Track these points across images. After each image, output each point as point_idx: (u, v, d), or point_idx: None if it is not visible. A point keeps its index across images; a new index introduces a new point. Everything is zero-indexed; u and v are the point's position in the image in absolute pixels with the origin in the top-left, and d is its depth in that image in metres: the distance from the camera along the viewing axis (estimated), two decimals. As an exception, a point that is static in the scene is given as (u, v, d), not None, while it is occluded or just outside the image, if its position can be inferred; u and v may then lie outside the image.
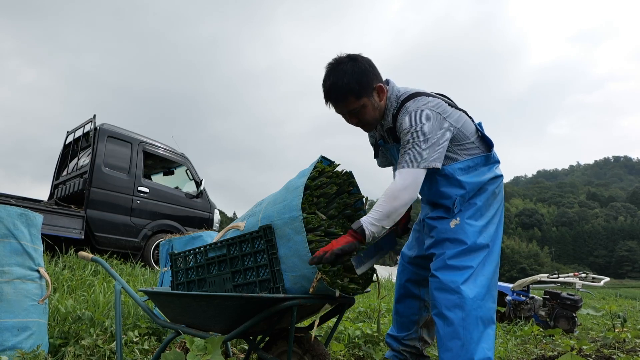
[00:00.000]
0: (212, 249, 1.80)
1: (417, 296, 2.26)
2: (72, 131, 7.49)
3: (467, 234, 1.92)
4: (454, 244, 1.92)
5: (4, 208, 2.28)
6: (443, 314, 1.84)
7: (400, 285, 2.30)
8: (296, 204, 1.59)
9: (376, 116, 1.95)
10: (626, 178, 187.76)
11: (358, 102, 1.86)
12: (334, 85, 1.84)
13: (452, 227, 1.94)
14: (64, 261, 4.96)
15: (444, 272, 1.88)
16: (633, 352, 3.15)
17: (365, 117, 1.92)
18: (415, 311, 2.26)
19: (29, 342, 2.19)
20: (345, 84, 1.82)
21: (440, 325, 1.85)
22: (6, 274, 2.20)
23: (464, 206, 1.97)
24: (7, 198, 6.20)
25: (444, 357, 1.82)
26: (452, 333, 1.81)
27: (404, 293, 2.29)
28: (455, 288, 1.83)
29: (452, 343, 1.81)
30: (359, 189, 1.93)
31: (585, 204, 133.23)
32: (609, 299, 15.40)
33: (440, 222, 1.99)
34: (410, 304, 2.27)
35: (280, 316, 1.68)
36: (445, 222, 1.97)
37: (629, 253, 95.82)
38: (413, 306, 2.27)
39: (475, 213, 1.96)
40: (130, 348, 2.48)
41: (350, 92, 1.83)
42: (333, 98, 1.87)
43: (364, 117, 1.92)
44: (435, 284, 1.89)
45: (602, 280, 6.46)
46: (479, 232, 1.94)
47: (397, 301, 2.31)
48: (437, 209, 2.04)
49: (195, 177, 7.87)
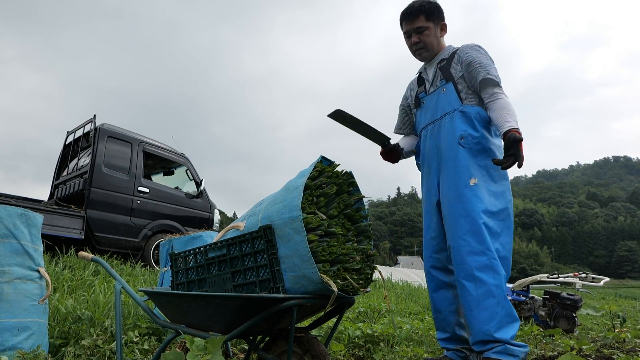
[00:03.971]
0: (212, 249, 1.80)
1: (449, 284, 2.23)
2: (72, 131, 7.49)
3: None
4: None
5: (4, 208, 2.28)
6: (475, 276, 1.94)
7: (429, 275, 2.30)
8: (296, 203, 1.59)
9: (434, 45, 2.31)
10: (626, 178, 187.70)
11: (426, 23, 2.28)
12: (414, 4, 2.29)
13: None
14: (64, 261, 4.96)
15: (472, 235, 2.00)
16: (633, 352, 3.15)
17: (427, 40, 2.29)
18: (452, 301, 2.21)
19: (29, 342, 2.19)
20: (422, 5, 2.28)
21: (470, 288, 1.95)
22: (6, 274, 2.20)
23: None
24: (7, 198, 6.20)
25: (480, 316, 1.90)
26: (487, 292, 1.91)
27: (436, 284, 2.26)
28: (484, 249, 1.96)
29: (487, 301, 1.90)
30: (359, 189, 1.93)
31: (585, 204, 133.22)
32: (609, 299, 15.42)
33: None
34: (445, 294, 2.23)
35: (280, 316, 1.68)
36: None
37: (629, 253, 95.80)
38: (448, 296, 2.23)
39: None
40: (131, 348, 2.48)
41: (423, 12, 2.27)
42: (408, 14, 2.29)
43: (425, 38, 2.29)
44: (465, 247, 1.99)
45: (602, 280, 6.46)
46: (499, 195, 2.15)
47: (433, 291, 2.28)
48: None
49: (195, 177, 7.87)
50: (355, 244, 1.84)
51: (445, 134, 2.20)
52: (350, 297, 1.78)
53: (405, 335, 3.24)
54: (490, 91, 2.16)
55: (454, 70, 2.24)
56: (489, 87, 2.16)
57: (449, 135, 2.18)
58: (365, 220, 1.92)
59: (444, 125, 2.21)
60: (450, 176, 2.15)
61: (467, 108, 2.17)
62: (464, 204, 2.06)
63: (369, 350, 2.93)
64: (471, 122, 2.15)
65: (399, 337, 3.15)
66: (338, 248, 1.67)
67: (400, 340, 3.13)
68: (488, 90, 2.16)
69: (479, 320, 1.92)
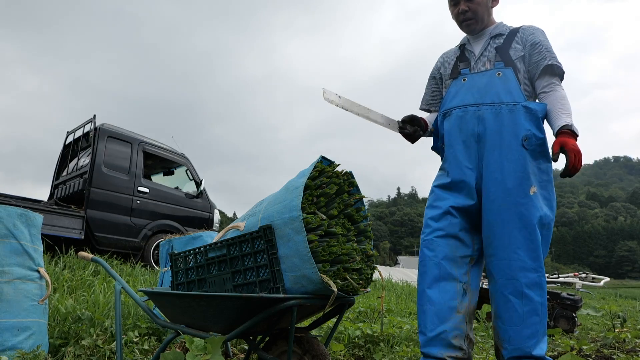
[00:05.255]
0: (212, 249, 1.80)
1: (455, 278, 1.91)
2: (72, 131, 7.49)
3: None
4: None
5: (4, 208, 2.28)
6: (524, 293, 1.82)
7: (436, 264, 1.91)
8: (296, 204, 1.59)
9: (484, 16, 2.07)
10: (626, 178, 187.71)
11: None
12: None
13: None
14: (64, 261, 4.96)
15: (525, 249, 1.85)
16: (633, 352, 3.15)
17: (477, 9, 2.04)
18: (453, 295, 1.88)
19: (29, 342, 2.19)
20: None
21: (517, 304, 1.83)
22: (6, 274, 2.20)
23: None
24: (7, 198, 6.20)
25: (523, 333, 1.81)
26: (532, 310, 1.81)
27: (439, 274, 1.90)
28: (537, 267, 1.84)
29: (532, 319, 1.82)
30: (359, 189, 1.93)
31: (585, 204, 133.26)
32: (609, 299, 15.41)
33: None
34: (446, 287, 1.89)
35: (280, 316, 1.68)
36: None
37: (629, 253, 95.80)
38: (450, 289, 1.89)
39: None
40: (130, 348, 2.48)
41: None
42: None
43: (476, 7, 2.04)
44: (518, 262, 1.84)
45: (602, 280, 6.47)
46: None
47: (430, 286, 1.89)
48: None
49: (195, 177, 7.87)
50: (355, 244, 1.84)
51: (503, 129, 1.91)
52: (350, 297, 1.78)
53: (405, 335, 3.24)
54: (549, 80, 1.97)
55: (514, 51, 2.00)
56: (550, 75, 1.97)
57: (508, 131, 1.90)
58: (365, 220, 1.92)
59: (501, 117, 1.92)
60: (506, 179, 1.88)
61: (532, 104, 1.92)
62: (522, 215, 1.85)
63: (369, 350, 2.93)
64: (537, 121, 1.91)
65: (399, 337, 3.15)
66: (338, 248, 1.67)
67: (400, 340, 3.13)
68: (547, 78, 1.97)
69: (521, 337, 1.82)
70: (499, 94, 1.94)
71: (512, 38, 2.02)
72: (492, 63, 2.01)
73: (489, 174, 1.92)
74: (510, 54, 1.99)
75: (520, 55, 1.99)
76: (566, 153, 1.80)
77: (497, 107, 1.93)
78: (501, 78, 1.96)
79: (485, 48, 2.06)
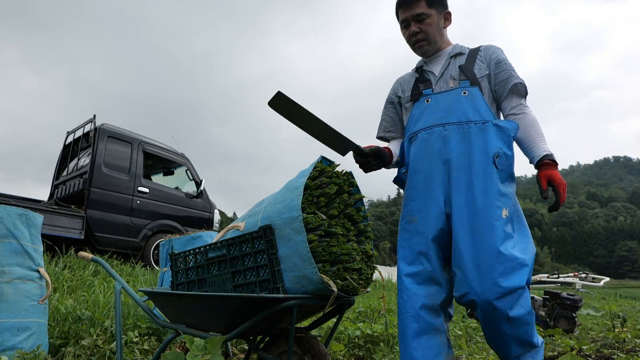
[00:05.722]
0: (212, 249, 1.80)
1: (437, 329, 1.76)
2: (72, 131, 7.49)
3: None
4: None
5: (4, 208, 2.28)
6: (509, 317, 1.62)
7: (413, 316, 1.76)
8: (296, 204, 1.59)
9: (436, 36, 1.97)
10: (626, 178, 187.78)
11: (427, 10, 1.93)
12: None
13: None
14: (64, 261, 4.96)
15: (506, 278, 1.65)
16: (633, 352, 3.15)
17: (428, 29, 1.95)
18: (438, 350, 1.74)
19: (29, 342, 2.19)
20: None
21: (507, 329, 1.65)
22: (6, 274, 2.20)
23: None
24: (7, 198, 6.20)
25: (519, 332, 1.64)
26: (525, 316, 1.65)
27: (420, 327, 1.75)
28: (520, 284, 1.65)
29: (528, 318, 1.67)
30: (359, 189, 1.93)
31: (585, 204, 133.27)
32: (609, 299, 15.40)
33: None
34: (429, 341, 1.74)
35: (280, 316, 1.68)
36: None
37: (628, 253, 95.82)
38: (434, 344, 1.75)
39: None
40: (130, 348, 2.48)
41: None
42: (407, 0, 1.95)
43: (427, 27, 1.94)
44: (501, 312, 1.63)
45: (602, 280, 6.48)
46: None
47: (412, 338, 1.74)
48: None
49: (195, 177, 7.87)
50: (355, 244, 1.84)
51: (472, 148, 1.79)
52: (350, 297, 1.78)
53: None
54: (517, 101, 1.90)
55: (478, 69, 1.90)
56: (517, 95, 1.90)
57: (477, 150, 1.78)
58: (365, 220, 1.92)
59: (470, 135, 1.81)
60: (477, 201, 1.72)
61: (503, 122, 1.82)
62: (495, 239, 1.66)
63: (369, 350, 2.93)
64: (508, 140, 1.80)
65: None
66: (338, 248, 1.67)
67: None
68: (515, 99, 1.90)
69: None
70: (466, 112, 1.84)
71: (474, 56, 1.94)
72: (457, 82, 1.91)
73: (459, 196, 1.77)
74: (475, 72, 1.90)
75: (485, 74, 1.90)
76: (556, 189, 1.74)
77: (465, 126, 1.82)
78: (467, 97, 1.86)
79: (447, 67, 1.96)
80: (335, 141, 1.85)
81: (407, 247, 1.86)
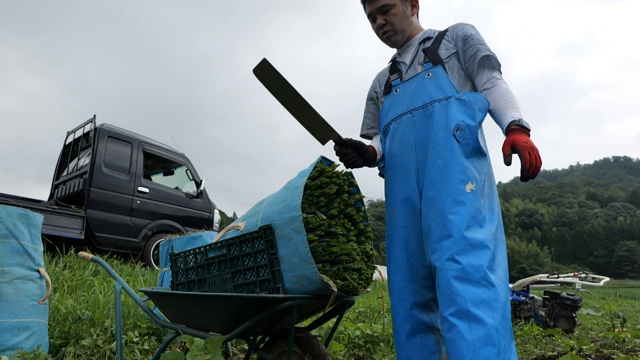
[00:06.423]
0: (212, 249, 1.80)
1: (430, 327, 1.74)
2: (72, 131, 7.50)
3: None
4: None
5: (4, 208, 2.28)
6: (470, 313, 1.44)
7: (405, 317, 1.75)
8: (296, 204, 1.59)
9: (404, 26, 1.92)
10: (626, 178, 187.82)
11: (391, 0, 1.88)
12: None
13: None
14: (64, 261, 4.96)
15: (465, 255, 1.53)
16: (633, 352, 3.15)
17: (394, 20, 1.90)
18: (432, 349, 1.71)
19: (29, 342, 2.20)
20: None
21: (464, 329, 1.44)
22: (6, 274, 2.20)
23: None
24: (7, 198, 6.20)
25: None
26: (485, 338, 1.42)
27: (413, 327, 1.73)
28: (483, 277, 1.49)
29: (485, 351, 1.41)
30: (359, 189, 1.93)
31: (585, 204, 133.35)
32: (609, 299, 15.40)
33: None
34: (423, 341, 1.72)
35: (280, 316, 1.68)
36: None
37: (628, 253, 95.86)
38: (428, 343, 1.72)
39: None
40: (131, 348, 2.48)
41: None
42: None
43: (392, 18, 1.90)
44: (453, 272, 1.51)
45: (602, 280, 6.47)
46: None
47: (406, 339, 1.73)
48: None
49: (195, 177, 7.87)
50: (355, 244, 1.84)
51: (434, 125, 1.73)
52: (350, 297, 1.78)
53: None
54: (489, 74, 1.79)
55: (445, 49, 1.83)
56: (488, 68, 1.79)
57: (439, 126, 1.71)
58: (365, 220, 1.92)
59: (433, 114, 1.74)
60: (440, 178, 1.66)
61: (465, 95, 1.72)
62: (459, 215, 1.58)
63: (369, 350, 2.93)
64: (472, 112, 1.70)
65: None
66: (338, 248, 1.67)
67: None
68: (486, 73, 1.79)
69: None
70: (430, 93, 1.78)
71: (441, 38, 1.87)
72: (422, 66, 1.86)
73: (427, 177, 1.71)
74: (440, 54, 1.83)
75: (453, 53, 1.82)
76: (519, 152, 1.54)
77: (430, 107, 1.76)
78: (431, 78, 1.80)
79: (415, 54, 1.91)
80: (316, 127, 1.74)
81: (392, 242, 1.85)
